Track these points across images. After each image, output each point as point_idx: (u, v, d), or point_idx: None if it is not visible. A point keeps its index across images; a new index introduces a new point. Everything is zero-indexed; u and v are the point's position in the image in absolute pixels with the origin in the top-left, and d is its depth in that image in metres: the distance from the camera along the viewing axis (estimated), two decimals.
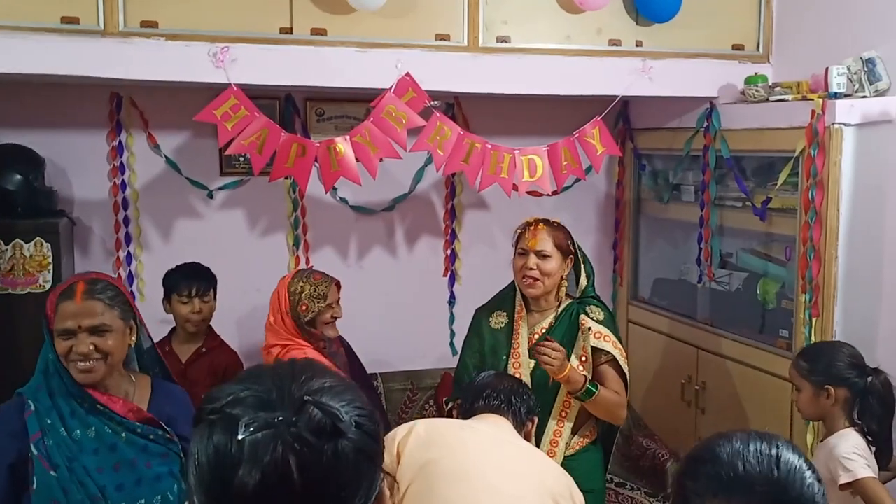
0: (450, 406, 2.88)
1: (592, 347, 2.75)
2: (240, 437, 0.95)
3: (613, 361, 2.78)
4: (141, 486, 2.01)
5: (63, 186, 3.54)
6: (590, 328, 2.75)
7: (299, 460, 0.95)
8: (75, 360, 2.01)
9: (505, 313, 2.84)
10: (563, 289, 2.84)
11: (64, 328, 1.98)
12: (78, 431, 1.98)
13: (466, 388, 2.43)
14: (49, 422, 1.93)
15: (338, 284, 2.91)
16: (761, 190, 3.35)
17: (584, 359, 2.78)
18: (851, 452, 2.30)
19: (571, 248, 2.79)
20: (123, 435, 2.00)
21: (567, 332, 2.81)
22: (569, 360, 2.74)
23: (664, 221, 4.08)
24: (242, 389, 1.02)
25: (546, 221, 2.79)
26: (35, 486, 1.88)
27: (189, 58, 2.96)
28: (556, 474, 2.14)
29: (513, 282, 2.88)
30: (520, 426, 2.31)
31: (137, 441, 2.01)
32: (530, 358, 2.75)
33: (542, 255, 2.73)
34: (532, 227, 2.75)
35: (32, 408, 1.93)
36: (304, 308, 2.80)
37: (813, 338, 2.97)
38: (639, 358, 3.88)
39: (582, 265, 2.86)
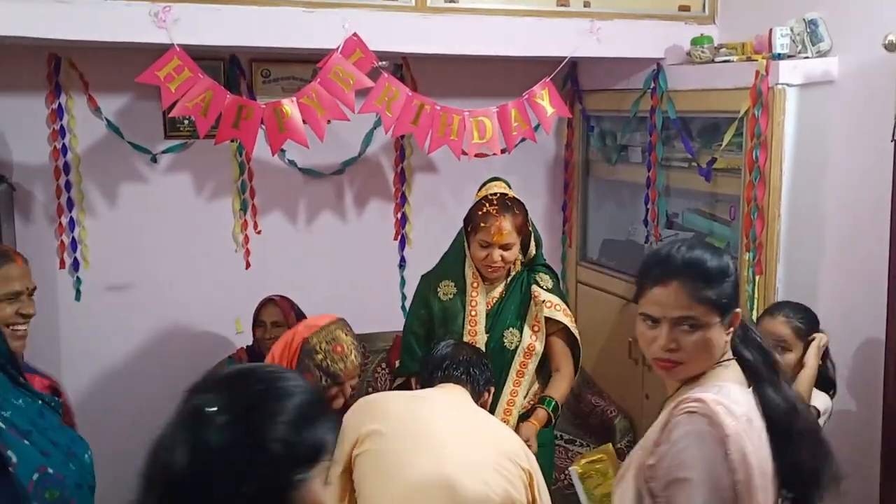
0: (399, 381, 2.88)
1: (546, 318, 2.81)
2: None
3: (563, 330, 2.83)
4: (75, 441, 2.03)
5: (1, 151, 3.44)
6: (543, 300, 2.80)
7: None
8: (17, 322, 2.01)
9: (453, 283, 2.85)
10: (518, 262, 2.87)
11: (12, 291, 2.01)
12: (20, 400, 1.95)
13: (425, 359, 2.46)
14: None
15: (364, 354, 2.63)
16: (706, 150, 3.39)
17: (536, 328, 2.82)
18: None
19: (528, 223, 2.81)
20: (39, 403, 2.00)
21: (518, 300, 2.84)
22: (521, 329, 2.79)
23: (612, 183, 4.11)
24: None
25: (507, 206, 2.75)
26: (15, 459, 1.78)
27: (130, 17, 2.88)
28: (510, 436, 2.19)
29: (458, 247, 2.89)
30: (477, 396, 2.35)
31: (49, 408, 2.03)
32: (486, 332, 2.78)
33: (505, 247, 2.74)
34: (497, 220, 2.72)
35: None
36: (307, 378, 2.18)
37: (756, 295, 3.04)
38: (587, 318, 3.93)
39: (531, 232, 2.88)
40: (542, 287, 2.85)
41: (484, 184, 2.94)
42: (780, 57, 2.97)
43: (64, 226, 3.55)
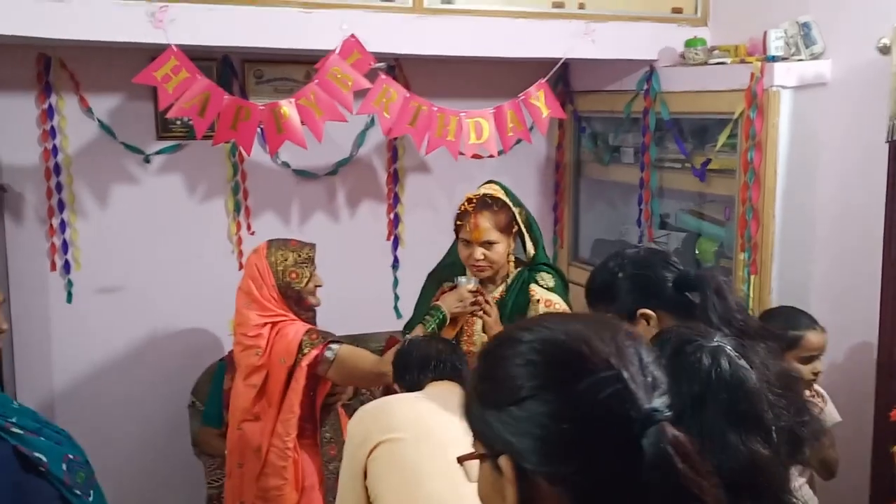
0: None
1: None
2: None
3: None
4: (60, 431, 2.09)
5: None
6: (538, 299, 2.77)
7: None
8: None
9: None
10: (511, 262, 2.85)
11: None
12: (15, 403, 2.00)
13: (405, 362, 2.34)
14: None
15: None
16: (700, 151, 3.42)
17: None
18: None
19: (514, 224, 2.78)
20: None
21: (517, 301, 2.81)
22: None
23: (604, 183, 4.14)
24: None
25: (485, 204, 2.73)
26: (45, 458, 1.89)
27: (127, 17, 2.85)
28: None
29: (454, 249, 2.89)
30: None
31: None
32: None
33: (487, 245, 2.72)
34: (472, 217, 2.70)
35: None
36: (293, 276, 2.74)
37: (752, 294, 3.07)
38: None
39: (526, 233, 2.85)
40: (541, 286, 2.82)
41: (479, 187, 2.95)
42: (774, 59, 3.01)
43: (55, 227, 3.51)
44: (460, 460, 1.09)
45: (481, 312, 2.70)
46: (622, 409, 0.96)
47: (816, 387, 2.60)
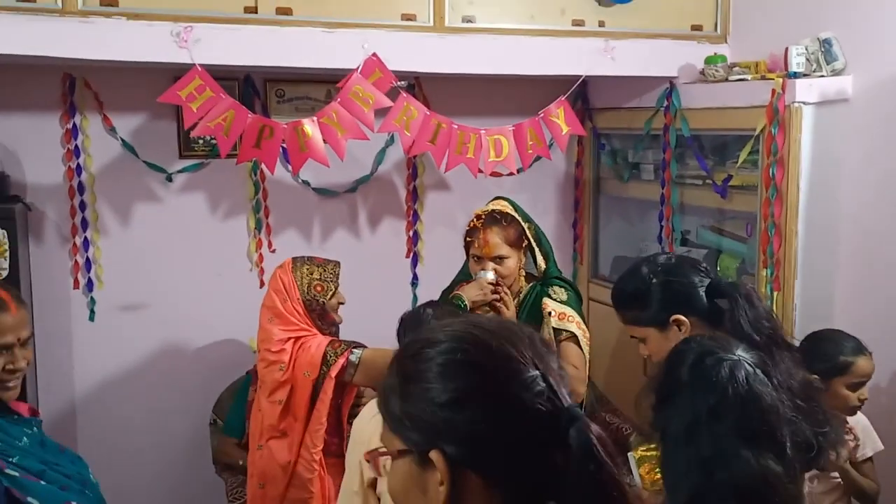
0: None
1: (553, 329, 2.78)
2: None
3: (575, 338, 2.80)
4: (76, 463, 2.01)
5: (15, 171, 3.42)
6: (550, 312, 2.77)
7: None
8: (5, 379, 1.87)
9: None
10: (522, 277, 2.86)
11: (2, 343, 1.85)
12: (25, 439, 1.90)
13: (412, 327, 2.30)
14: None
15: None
16: (720, 168, 3.42)
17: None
18: None
19: (524, 238, 2.80)
20: (35, 430, 1.96)
21: (529, 315, 2.83)
22: None
23: (623, 200, 4.14)
24: None
25: (494, 219, 2.77)
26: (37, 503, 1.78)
27: (151, 37, 2.89)
28: None
29: (466, 267, 2.91)
30: None
31: (41, 432, 1.99)
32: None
33: (498, 259, 2.74)
34: (482, 233, 2.73)
35: None
36: (319, 288, 2.77)
37: (775, 311, 3.05)
38: (600, 334, 3.94)
39: (536, 246, 2.87)
40: (554, 299, 2.82)
41: (487, 203, 2.97)
42: (795, 76, 3.01)
43: (78, 246, 3.54)
44: (374, 456, 1.13)
45: (500, 304, 2.70)
46: (550, 406, 1.04)
47: (854, 418, 2.56)
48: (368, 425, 2.06)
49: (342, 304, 2.87)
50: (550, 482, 1.03)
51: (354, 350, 2.74)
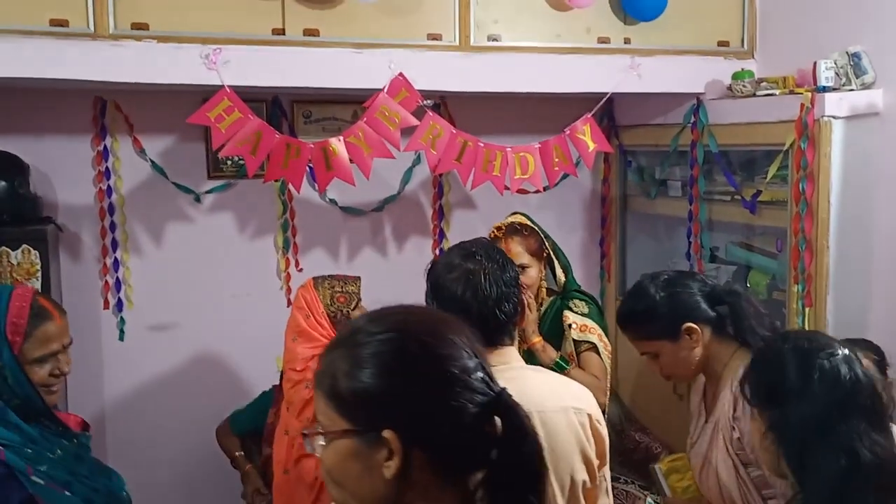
0: None
1: (574, 340, 2.79)
2: None
3: (595, 348, 2.81)
4: (112, 479, 2.03)
5: (48, 193, 3.48)
6: (570, 325, 2.78)
7: None
8: (52, 383, 1.92)
9: None
10: (543, 289, 2.86)
11: (50, 351, 1.90)
12: (59, 451, 1.92)
13: (442, 301, 1.92)
14: (29, 451, 1.83)
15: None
16: (749, 184, 3.39)
17: (572, 364, 2.80)
18: None
19: (544, 249, 2.82)
20: (75, 442, 1.98)
21: (551, 329, 2.84)
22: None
23: (650, 217, 4.12)
24: None
25: (515, 230, 2.78)
26: None
27: (181, 59, 2.93)
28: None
29: None
30: (515, 334, 1.94)
31: (84, 446, 2.01)
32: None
33: (520, 269, 2.74)
34: (503, 242, 2.75)
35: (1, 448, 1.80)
36: (342, 300, 2.78)
37: (807, 326, 3.02)
38: (629, 352, 3.88)
39: (555, 259, 2.88)
40: (575, 312, 2.83)
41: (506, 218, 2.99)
42: (824, 90, 2.98)
43: (108, 266, 3.58)
44: (312, 434, 1.19)
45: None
46: (488, 389, 1.16)
47: None
48: None
49: None
50: (484, 457, 1.13)
51: None
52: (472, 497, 1.14)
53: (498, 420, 1.13)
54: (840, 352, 1.61)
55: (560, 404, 1.87)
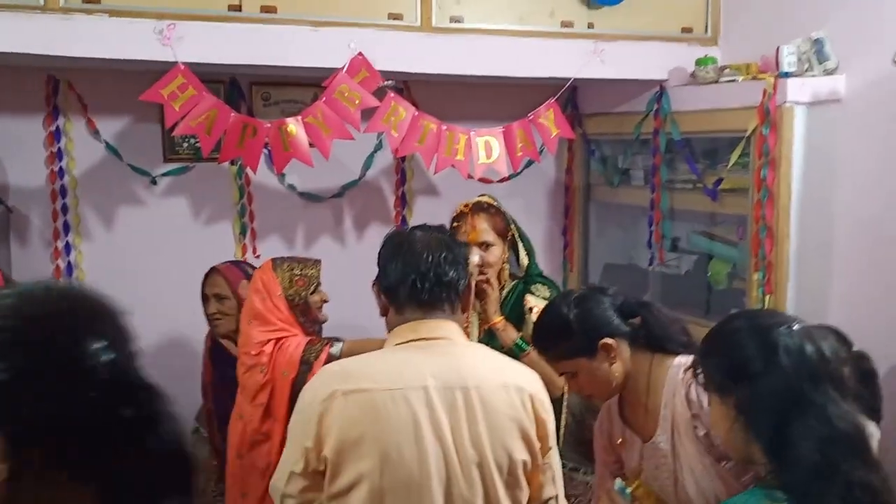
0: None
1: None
2: None
3: None
4: None
5: None
6: (531, 308, 2.75)
7: None
8: None
9: None
10: (506, 271, 2.84)
11: None
12: None
13: (389, 261, 1.96)
14: None
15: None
16: (711, 171, 3.38)
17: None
18: None
19: (509, 229, 2.80)
20: None
21: (512, 312, 2.80)
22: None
23: (614, 206, 4.10)
24: None
25: (482, 207, 2.76)
26: None
27: (133, 35, 2.85)
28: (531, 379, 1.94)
29: None
30: (457, 308, 1.94)
31: None
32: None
33: (484, 247, 2.72)
34: (470, 217, 2.72)
35: None
36: (301, 283, 2.72)
37: None
38: None
39: (519, 242, 2.85)
40: (536, 296, 2.80)
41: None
42: (787, 75, 2.97)
43: (60, 250, 3.48)
44: None
45: (486, 286, 2.69)
46: (115, 377, 1.05)
47: None
48: (316, 397, 1.81)
49: (325, 301, 2.81)
50: (118, 448, 1.02)
51: (335, 343, 2.71)
52: (109, 493, 1.02)
53: (129, 409, 1.03)
54: (795, 325, 1.59)
55: (499, 381, 1.85)
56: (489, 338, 2.73)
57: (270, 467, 2.62)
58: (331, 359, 2.64)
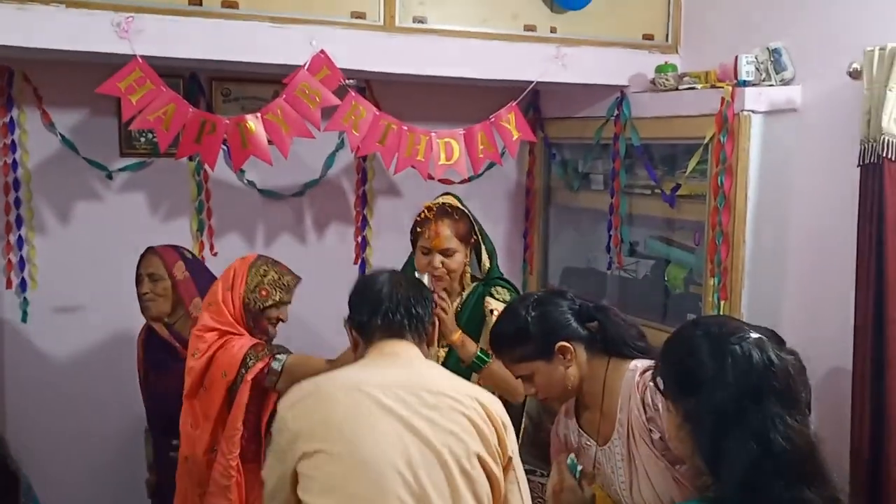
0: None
1: None
2: None
3: None
4: None
5: None
6: (492, 310, 2.75)
7: None
8: None
9: None
10: (468, 274, 2.84)
11: None
12: None
13: (360, 297, 2.14)
14: None
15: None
16: (670, 177, 3.41)
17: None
18: None
19: (472, 234, 2.80)
20: None
21: (472, 316, 2.80)
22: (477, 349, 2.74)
23: (574, 210, 4.12)
24: None
25: (445, 212, 2.75)
26: None
27: (91, 27, 2.79)
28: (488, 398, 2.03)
29: (409, 264, 2.86)
30: (423, 340, 2.12)
31: None
32: (439, 346, 2.74)
33: (447, 253, 2.71)
34: (433, 224, 2.71)
35: None
36: (263, 293, 2.67)
37: None
38: None
39: (482, 244, 2.86)
40: (497, 299, 2.81)
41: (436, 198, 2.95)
42: (745, 84, 3.01)
43: (12, 244, 3.42)
44: None
45: (439, 310, 2.65)
46: None
47: None
48: (290, 412, 1.95)
49: (282, 321, 2.77)
50: None
51: (278, 356, 2.62)
52: None
53: None
54: (751, 335, 1.57)
55: (458, 390, 1.97)
56: (449, 355, 2.74)
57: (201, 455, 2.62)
58: (271, 373, 2.58)
